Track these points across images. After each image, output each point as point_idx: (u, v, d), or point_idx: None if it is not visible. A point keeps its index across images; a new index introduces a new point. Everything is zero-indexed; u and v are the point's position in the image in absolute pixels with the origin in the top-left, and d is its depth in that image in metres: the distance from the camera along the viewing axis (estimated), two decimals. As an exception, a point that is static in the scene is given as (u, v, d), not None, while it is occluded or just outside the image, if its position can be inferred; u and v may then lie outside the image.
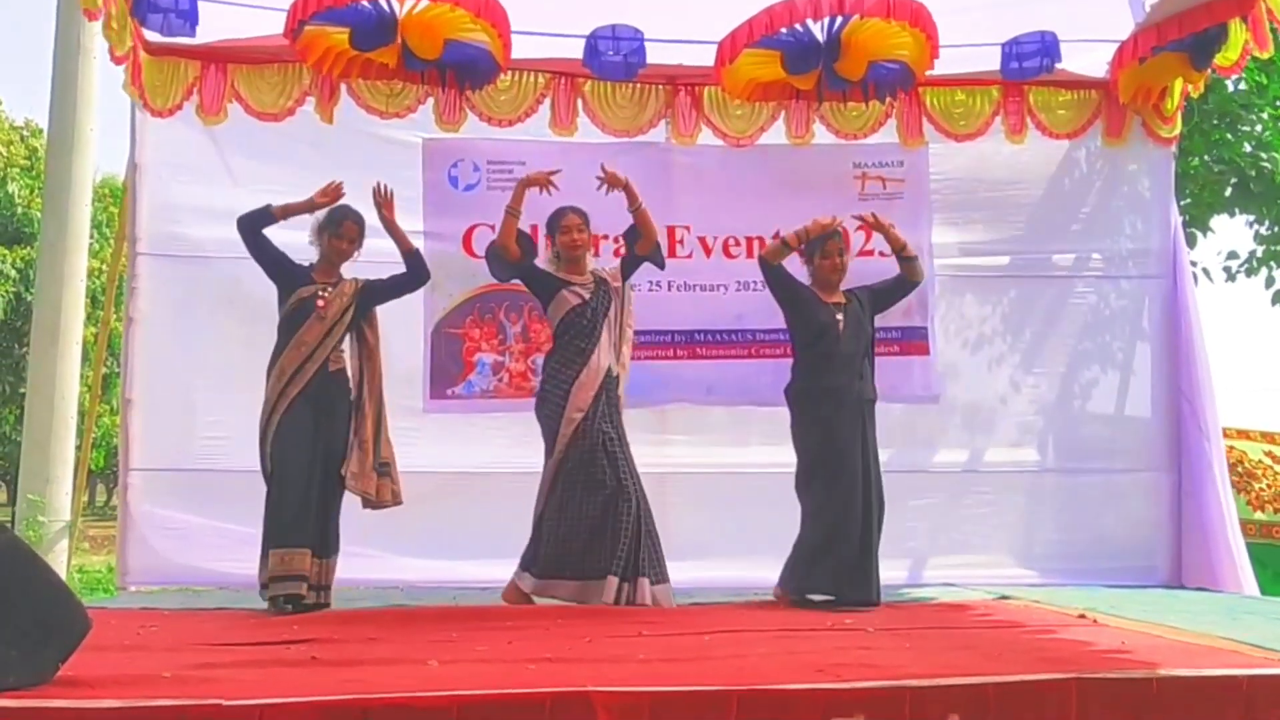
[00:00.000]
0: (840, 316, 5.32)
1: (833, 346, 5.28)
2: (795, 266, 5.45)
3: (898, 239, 5.46)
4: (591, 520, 5.10)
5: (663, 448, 6.38)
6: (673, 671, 3.25)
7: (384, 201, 5.37)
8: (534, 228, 5.69)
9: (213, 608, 5.15)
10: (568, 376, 5.22)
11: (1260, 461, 8.36)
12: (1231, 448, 8.07)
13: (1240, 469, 8.11)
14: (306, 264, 5.32)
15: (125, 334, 6.29)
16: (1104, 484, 6.51)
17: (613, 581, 5.01)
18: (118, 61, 5.85)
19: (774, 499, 6.09)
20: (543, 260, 5.48)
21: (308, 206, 5.27)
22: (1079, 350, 6.67)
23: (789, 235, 5.39)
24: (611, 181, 5.43)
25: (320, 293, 5.22)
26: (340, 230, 5.28)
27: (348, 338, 5.28)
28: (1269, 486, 8.24)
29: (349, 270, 5.38)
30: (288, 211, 5.26)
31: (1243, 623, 4.51)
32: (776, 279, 5.42)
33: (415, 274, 5.46)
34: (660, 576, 5.14)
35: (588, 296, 5.30)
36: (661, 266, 5.73)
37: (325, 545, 5.09)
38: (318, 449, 5.09)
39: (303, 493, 5.03)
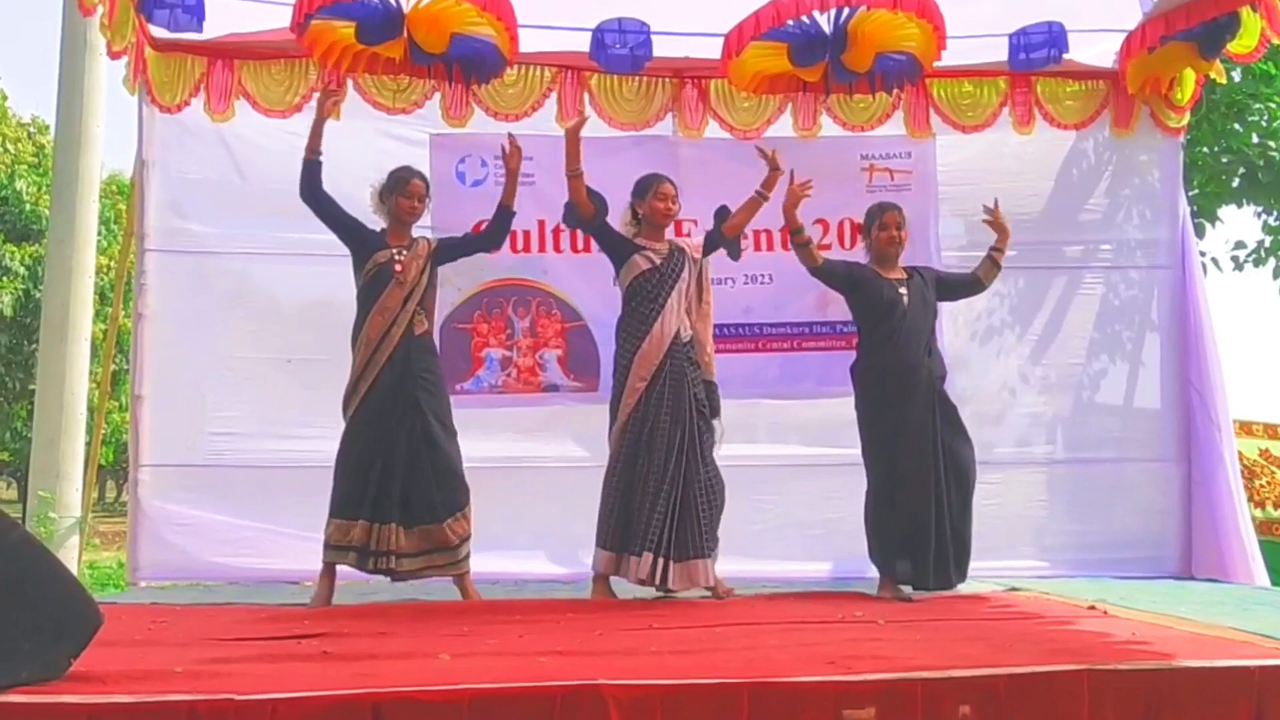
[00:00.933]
0: (904, 291, 5.30)
1: (899, 322, 5.25)
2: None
3: (1006, 235, 5.44)
4: (635, 493, 5.06)
5: (671, 440, 6.39)
6: (684, 664, 3.25)
7: (514, 150, 5.33)
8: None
9: (224, 602, 5.16)
10: (632, 346, 5.14)
11: (1256, 460, 8.34)
12: (1230, 444, 8.06)
13: (1240, 465, 8.08)
14: (378, 229, 5.28)
15: (134, 330, 6.30)
16: (1113, 475, 6.50)
17: (646, 558, 4.98)
18: (114, 56, 5.85)
19: (781, 490, 6.12)
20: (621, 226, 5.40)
21: (320, 123, 5.20)
22: (1088, 341, 6.65)
23: (794, 229, 5.36)
24: (772, 162, 5.36)
25: (396, 256, 5.17)
26: (408, 189, 5.25)
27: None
28: (1268, 484, 8.22)
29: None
30: (315, 140, 5.21)
31: (1253, 613, 4.50)
32: (829, 275, 5.42)
33: (496, 233, 5.42)
34: (690, 553, 5.05)
35: (659, 261, 5.21)
36: (735, 257, 5.63)
37: (409, 514, 5.02)
38: (406, 419, 5.05)
39: (379, 466, 5.00)
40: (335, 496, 5.07)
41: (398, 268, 5.14)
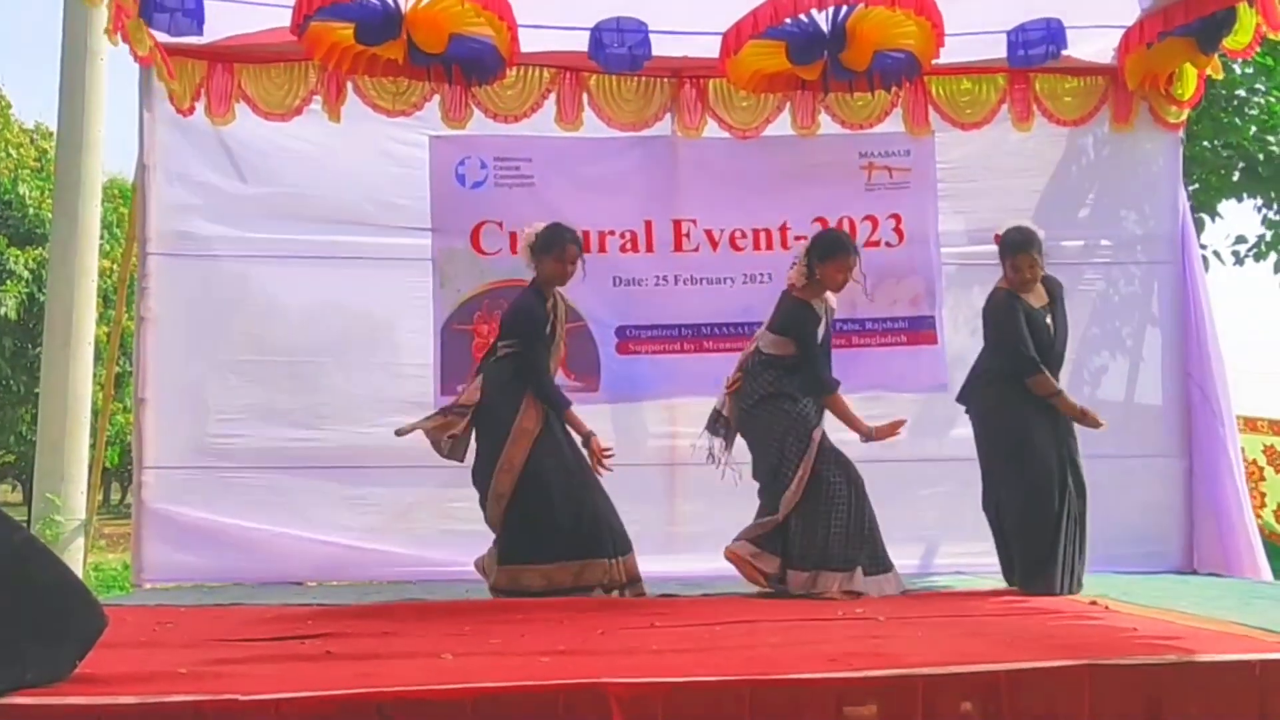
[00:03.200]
0: (1049, 320, 5.35)
1: (1046, 352, 5.29)
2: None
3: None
4: None
5: (672, 440, 6.40)
6: (685, 662, 3.26)
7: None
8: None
9: (228, 604, 5.17)
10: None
11: (1254, 461, 8.32)
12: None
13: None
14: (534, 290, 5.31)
15: (137, 333, 6.31)
16: (1115, 470, 6.47)
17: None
18: (144, 63, 5.91)
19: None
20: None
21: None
22: (1089, 336, 6.65)
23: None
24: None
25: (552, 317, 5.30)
26: (564, 253, 5.27)
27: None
28: (1251, 493, 8.15)
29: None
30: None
31: (1255, 608, 4.51)
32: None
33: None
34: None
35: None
36: None
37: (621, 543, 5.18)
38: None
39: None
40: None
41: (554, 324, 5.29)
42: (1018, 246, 5.29)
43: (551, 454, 5.13)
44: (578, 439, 5.19)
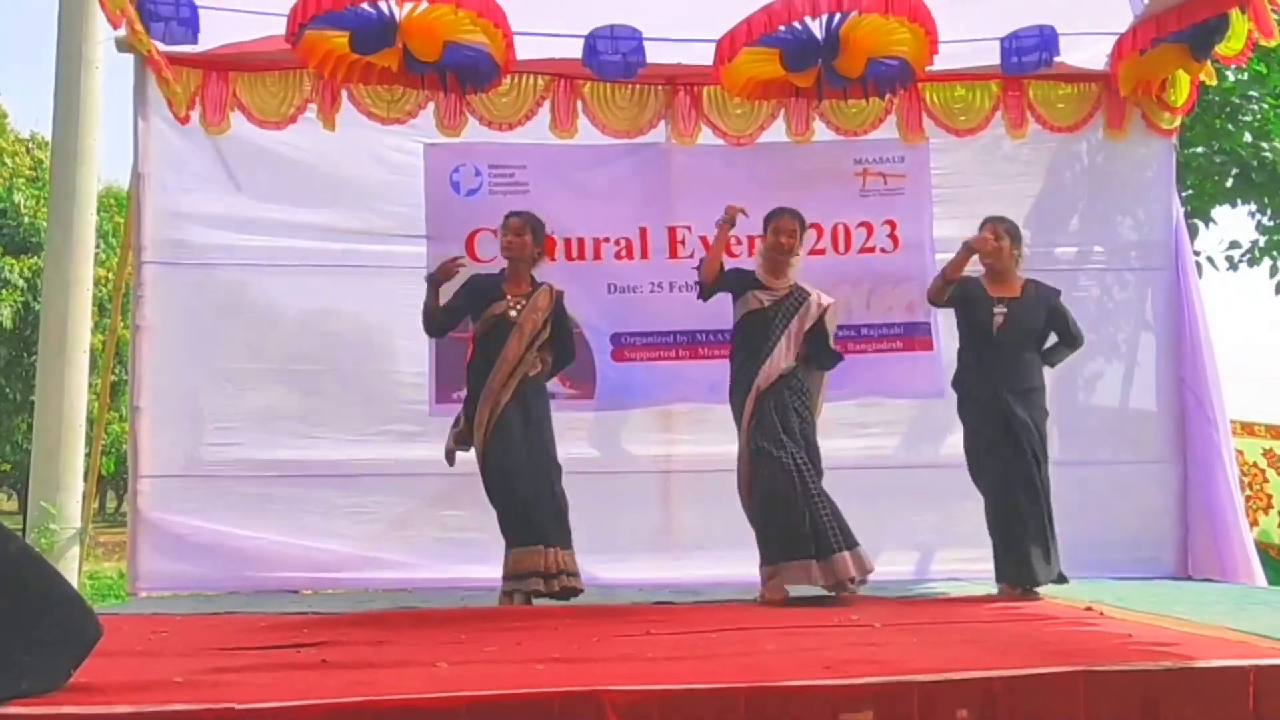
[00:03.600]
0: (1002, 309, 5.44)
1: (983, 334, 5.45)
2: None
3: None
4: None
5: (668, 447, 6.41)
6: (681, 670, 3.26)
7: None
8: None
9: (223, 612, 5.16)
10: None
11: (1254, 464, 8.31)
12: (1229, 444, 8.04)
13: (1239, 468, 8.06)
14: (499, 271, 5.41)
15: (132, 342, 6.31)
16: (1110, 476, 6.51)
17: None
18: (152, 66, 5.96)
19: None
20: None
21: (435, 289, 5.36)
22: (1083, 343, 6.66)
23: (948, 269, 5.51)
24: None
25: (513, 306, 5.29)
26: (505, 224, 5.40)
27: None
28: (1249, 499, 8.16)
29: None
30: (434, 299, 5.36)
31: (1250, 614, 4.51)
32: (948, 303, 5.59)
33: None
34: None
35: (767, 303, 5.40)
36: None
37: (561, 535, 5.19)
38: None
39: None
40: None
41: (513, 314, 5.26)
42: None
43: (499, 441, 5.15)
44: None
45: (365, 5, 5.56)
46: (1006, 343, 5.42)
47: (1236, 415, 8.19)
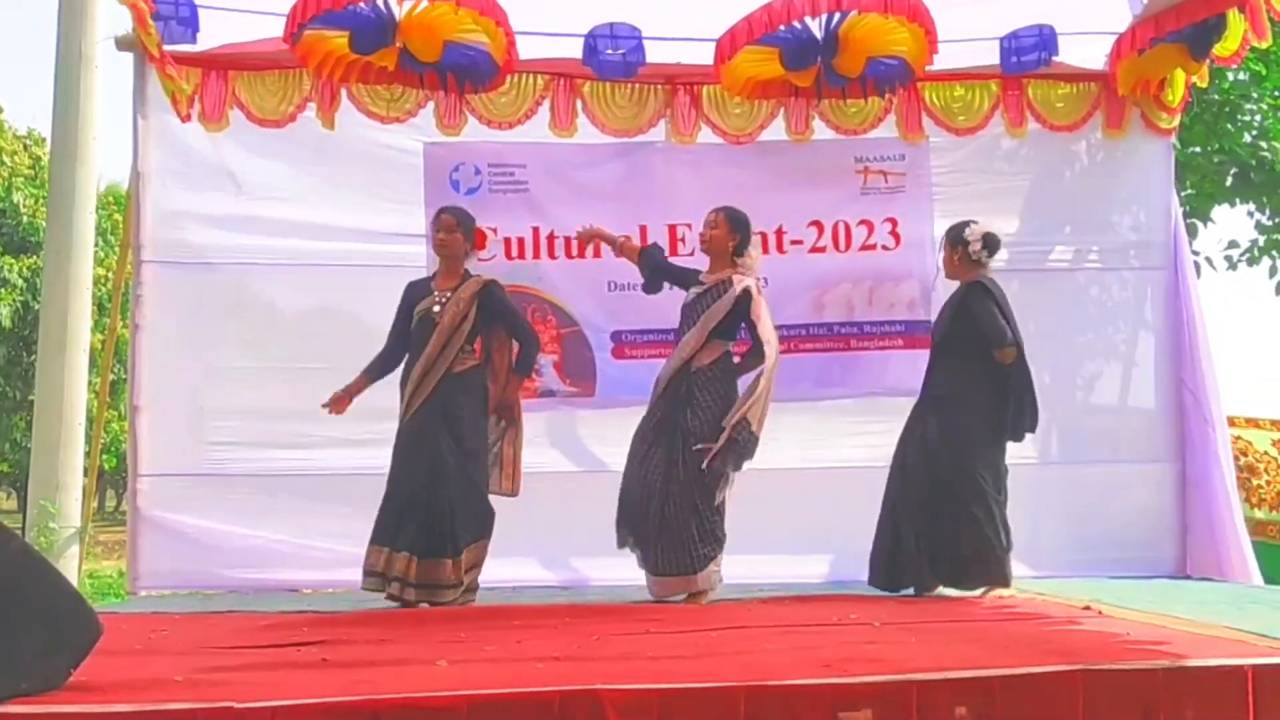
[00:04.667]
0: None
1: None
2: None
3: None
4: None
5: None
6: (681, 669, 3.26)
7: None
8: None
9: (223, 611, 5.17)
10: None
11: (1266, 453, 8.33)
12: (1238, 437, 8.06)
13: (1243, 461, 8.09)
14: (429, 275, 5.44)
15: (132, 340, 6.32)
16: (1108, 475, 6.52)
17: None
18: (159, 64, 5.95)
19: (772, 496, 6.11)
20: None
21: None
22: (1081, 342, 6.68)
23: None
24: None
25: (438, 301, 5.28)
26: (436, 221, 5.43)
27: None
28: (1269, 483, 8.21)
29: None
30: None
31: (1248, 612, 4.51)
32: None
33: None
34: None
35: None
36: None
37: (422, 545, 5.09)
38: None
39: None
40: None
41: (436, 309, 5.25)
42: None
43: (402, 441, 5.20)
44: None
45: (364, 5, 5.57)
46: (934, 347, 5.50)
47: (1240, 411, 8.24)
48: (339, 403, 5.37)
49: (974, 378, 5.33)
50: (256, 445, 6.26)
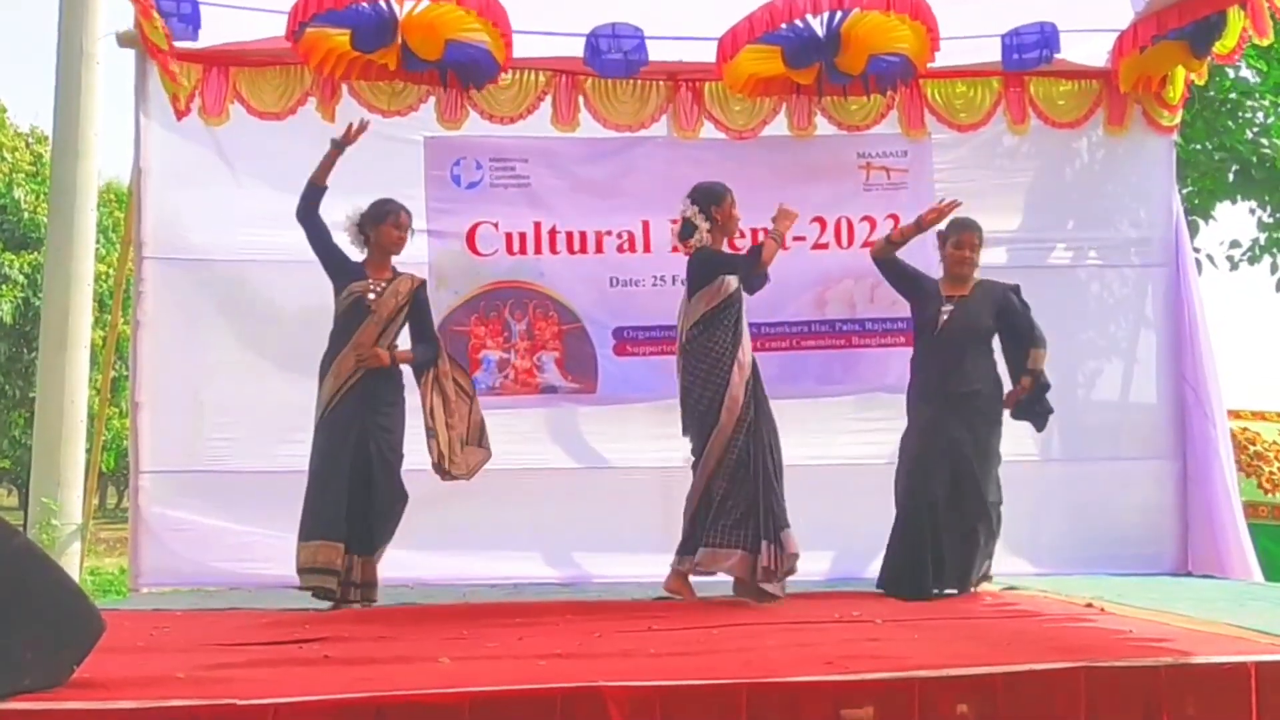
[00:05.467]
0: (948, 308, 5.42)
1: (926, 327, 5.46)
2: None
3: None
4: None
5: (667, 441, 6.38)
6: (683, 666, 3.27)
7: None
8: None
9: (225, 608, 5.17)
10: None
11: (1274, 443, 8.28)
12: (1245, 429, 8.05)
13: (1252, 450, 8.05)
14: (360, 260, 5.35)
15: (133, 337, 6.31)
16: (1110, 472, 6.52)
17: None
18: (160, 60, 5.96)
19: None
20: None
21: (334, 155, 5.30)
22: (1083, 339, 6.67)
23: (894, 231, 5.55)
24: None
25: (373, 289, 5.22)
26: (398, 220, 5.34)
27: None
28: (1279, 471, 8.18)
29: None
30: (325, 170, 5.30)
31: (1250, 609, 4.52)
32: (889, 272, 5.62)
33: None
34: None
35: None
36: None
37: (361, 542, 5.08)
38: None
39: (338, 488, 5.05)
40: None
41: (371, 297, 5.19)
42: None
43: (327, 429, 5.11)
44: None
45: (365, 3, 5.57)
46: (950, 341, 5.41)
47: (1247, 407, 8.22)
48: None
49: (997, 379, 5.46)
50: (258, 441, 6.25)
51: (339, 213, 6.30)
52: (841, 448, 6.33)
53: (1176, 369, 6.61)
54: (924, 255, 6.47)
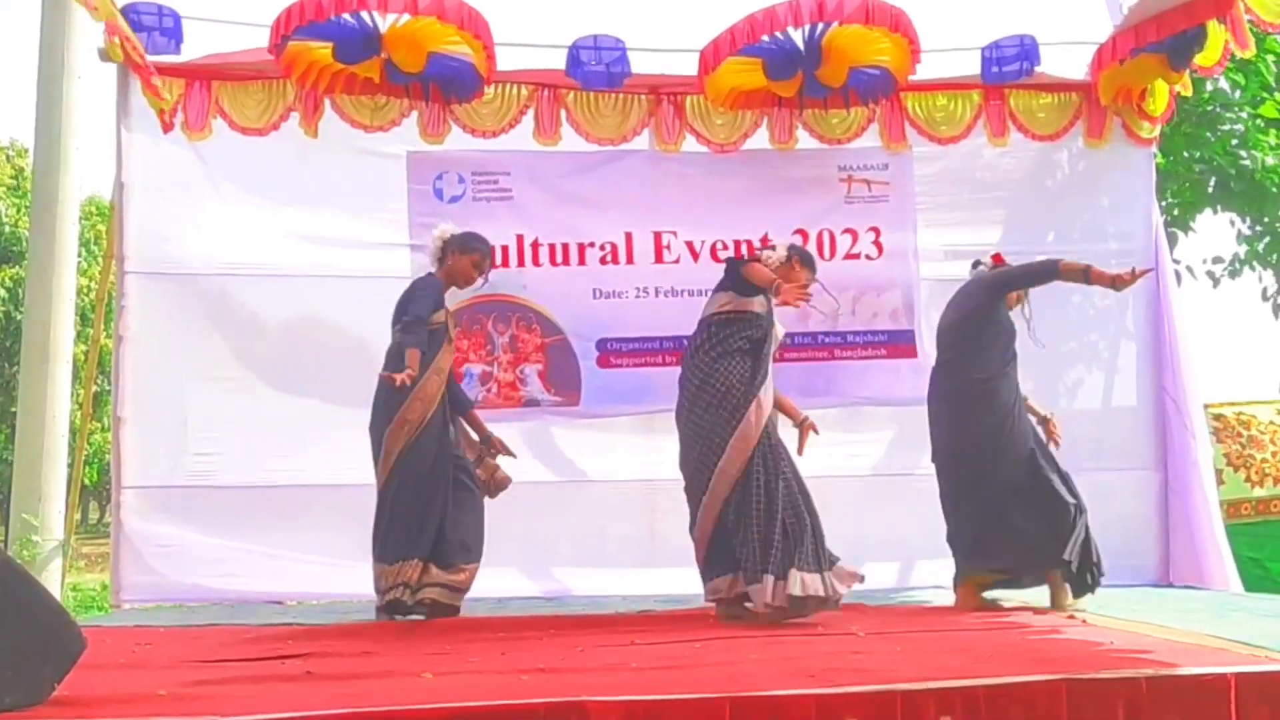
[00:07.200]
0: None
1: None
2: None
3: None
4: None
5: (651, 454, 6.40)
6: (665, 679, 3.27)
7: None
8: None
9: (207, 624, 5.15)
10: None
11: (1271, 423, 8.19)
12: (1240, 413, 7.97)
13: (1245, 436, 7.97)
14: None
15: (115, 352, 6.29)
16: (1091, 483, 6.44)
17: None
18: (142, 74, 5.94)
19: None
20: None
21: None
22: (1064, 350, 6.69)
23: (1094, 273, 5.35)
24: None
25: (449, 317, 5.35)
26: (481, 263, 5.45)
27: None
28: (1272, 457, 8.08)
29: None
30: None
31: (1230, 620, 4.54)
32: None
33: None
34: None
35: None
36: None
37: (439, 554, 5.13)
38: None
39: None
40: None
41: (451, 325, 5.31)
42: None
43: (420, 447, 5.13)
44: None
45: (348, 17, 5.58)
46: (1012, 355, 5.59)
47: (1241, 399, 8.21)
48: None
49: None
50: (240, 456, 6.24)
51: (327, 232, 6.33)
52: (822, 460, 6.33)
53: (1157, 380, 6.64)
54: (906, 268, 6.56)
